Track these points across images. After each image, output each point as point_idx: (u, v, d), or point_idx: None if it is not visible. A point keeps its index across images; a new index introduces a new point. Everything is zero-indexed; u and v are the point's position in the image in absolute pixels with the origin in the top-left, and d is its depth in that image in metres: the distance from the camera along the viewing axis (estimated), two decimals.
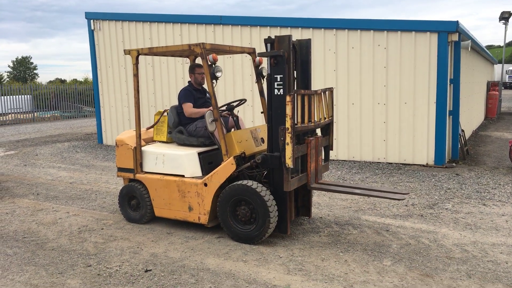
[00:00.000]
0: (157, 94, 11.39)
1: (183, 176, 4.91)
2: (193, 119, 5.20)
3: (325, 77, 9.05)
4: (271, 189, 4.52)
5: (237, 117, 5.24)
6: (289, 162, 4.11)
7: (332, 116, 4.91)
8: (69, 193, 6.96)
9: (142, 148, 5.21)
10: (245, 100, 5.37)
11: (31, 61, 68.38)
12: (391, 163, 8.60)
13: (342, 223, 5.16)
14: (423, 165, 8.31)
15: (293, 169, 4.40)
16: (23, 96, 26.63)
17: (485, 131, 14.07)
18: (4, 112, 24.21)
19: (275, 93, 4.35)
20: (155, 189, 5.07)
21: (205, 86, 5.21)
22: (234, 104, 5.25)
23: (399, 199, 4.40)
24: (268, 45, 4.38)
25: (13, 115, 24.14)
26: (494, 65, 23.74)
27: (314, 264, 4.01)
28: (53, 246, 4.64)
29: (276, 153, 4.37)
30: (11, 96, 24.97)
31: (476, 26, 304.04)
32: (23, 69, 66.86)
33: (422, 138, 8.30)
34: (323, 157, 4.88)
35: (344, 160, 9.03)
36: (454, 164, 8.37)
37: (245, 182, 4.46)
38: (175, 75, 11.05)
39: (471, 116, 12.98)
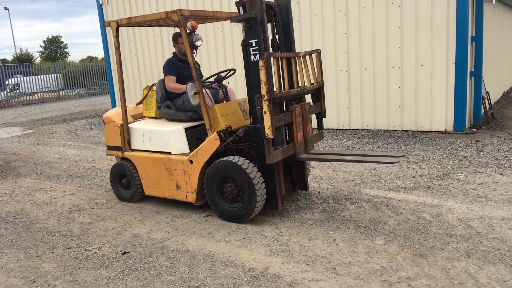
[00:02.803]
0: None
1: (170, 153, 4.70)
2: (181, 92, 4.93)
3: (335, 41, 8.51)
4: (258, 163, 4.25)
5: (226, 88, 4.93)
6: (268, 132, 3.80)
7: (322, 80, 4.52)
8: (71, 171, 6.93)
9: (129, 125, 5.02)
10: (235, 70, 5.03)
11: (61, 40, 69.61)
12: (407, 130, 8.09)
13: (340, 197, 4.84)
14: (442, 132, 7.77)
15: (277, 139, 4.10)
16: (52, 75, 27.10)
17: None
18: (34, 91, 24.80)
19: (252, 60, 4.00)
20: (143, 167, 4.90)
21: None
22: (223, 74, 4.93)
23: (392, 162, 3.98)
24: (241, 8, 4.01)
25: (40, 94, 24.68)
26: None
27: (300, 244, 3.75)
28: (40, 228, 4.59)
29: (258, 124, 4.06)
30: (40, 76, 25.45)
31: None
32: (54, 48, 68.19)
33: (440, 102, 7.72)
34: (312, 125, 4.52)
35: (357, 129, 8.58)
36: (475, 129, 7.78)
37: (230, 158, 4.20)
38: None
39: (502, 76, 12.07)
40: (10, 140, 10.76)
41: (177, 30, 5.13)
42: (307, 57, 4.27)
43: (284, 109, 4.36)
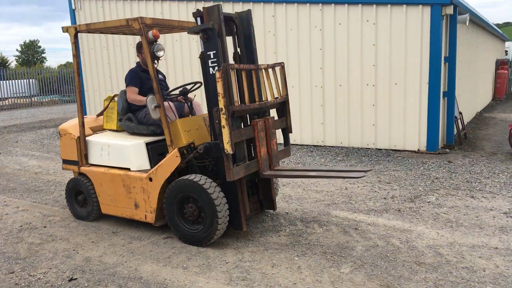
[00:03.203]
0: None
1: (129, 169, 4.42)
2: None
3: (311, 57, 8.41)
4: (221, 182, 4.02)
5: (191, 102, 4.70)
6: (227, 147, 3.59)
7: (287, 94, 4.36)
8: (29, 184, 6.54)
9: (87, 138, 4.72)
10: (201, 83, 4.80)
11: (39, 44, 68.09)
12: (381, 149, 8.00)
13: (309, 219, 4.64)
14: (415, 151, 7.71)
15: (239, 156, 3.89)
16: (27, 80, 26.31)
17: (490, 112, 13.32)
18: (6, 96, 23.95)
19: (210, 72, 3.80)
20: (100, 183, 4.60)
21: (161, 67, 4.68)
22: (189, 87, 4.70)
23: (357, 177, 3.79)
24: (198, 19, 3.83)
25: (11, 100, 23.87)
26: (506, 42, 22.63)
27: (262, 272, 3.52)
28: None
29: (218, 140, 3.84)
30: (14, 81, 24.62)
31: (493, 3, 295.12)
32: (31, 52, 66.62)
33: (413, 122, 7.67)
34: (277, 141, 4.33)
35: (332, 146, 8.45)
36: (448, 150, 7.75)
37: (192, 176, 3.96)
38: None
39: (474, 97, 12.23)
40: None
41: None
42: (270, 70, 4.10)
43: (248, 124, 4.17)
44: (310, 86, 8.52)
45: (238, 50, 4.26)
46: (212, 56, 3.77)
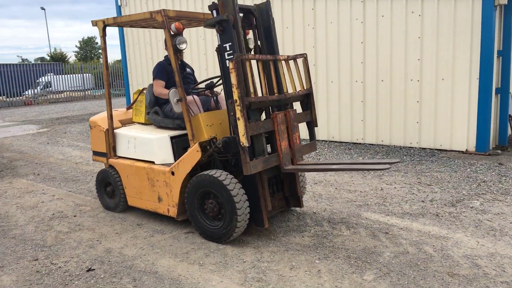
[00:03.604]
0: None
1: (153, 162, 4.41)
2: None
3: (351, 50, 8.07)
4: (241, 178, 3.90)
5: (216, 96, 4.61)
6: (243, 140, 3.46)
7: (311, 86, 4.16)
8: (68, 174, 6.76)
9: (115, 130, 4.76)
10: None
11: (96, 41, 71.24)
12: (425, 148, 7.54)
13: (336, 221, 4.41)
14: (462, 152, 7.19)
15: (258, 149, 3.75)
16: (83, 74, 27.63)
17: None
18: (62, 89, 25.27)
19: (227, 65, 3.66)
20: (127, 176, 4.62)
21: (188, 61, 4.62)
22: (215, 81, 4.61)
23: (383, 169, 3.51)
24: (214, 11, 3.71)
25: (67, 93, 25.13)
26: None
27: (279, 273, 3.36)
28: (16, 234, 4.37)
29: None
30: (72, 75, 25.91)
31: None
32: (89, 48, 69.90)
33: (461, 120, 7.15)
34: (300, 135, 4.13)
35: (372, 144, 8.09)
36: (499, 151, 7.16)
37: (212, 172, 3.87)
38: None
39: None
40: (23, 138, 10.80)
41: None
42: (291, 62, 3.92)
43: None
44: (350, 81, 8.19)
45: (259, 42, 4.12)
46: (228, 48, 3.65)
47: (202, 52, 10.25)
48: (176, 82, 4.00)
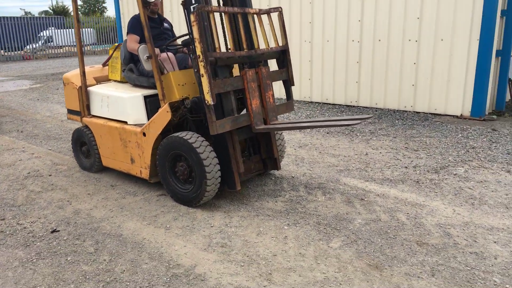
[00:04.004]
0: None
1: (126, 122, 4.27)
2: None
3: (349, 8, 7.68)
4: (212, 140, 3.77)
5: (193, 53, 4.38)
6: (207, 98, 3.30)
7: (286, 43, 3.93)
8: (52, 131, 6.67)
9: (89, 88, 4.59)
10: None
11: None
12: (419, 112, 7.32)
13: (314, 186, 4.31)
14: (457, 117, 6.97)
15: (227, 109, 3.61)
16: (86, 29, 27.07)
17: None
18: (62, 44, 24.86)
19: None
20: (100, 135, 4.50)
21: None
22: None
23: (351, 124, 3.32)
24: None
25: (66, 48, 24.72)
26: None
27: (244, 239, 3.29)
28: None
29: None
30: (72, 29, 25.31)
31: None
32: (92, 2, 68.28)
33: (458, 83, 6.87)
34: (273, 93, 3.95)
35: (366, 107, 7.87)
36: (495, 116, 6.93)
37: (182, 134, 3.73)
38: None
39: None
40: (15, 93, 10.67)
41: None
42: (264, 16, 3.67)
43: None
44: (347, 40, 7.86)
45: None
46: (193, 2, 3.40)
47: (167, 8, 9.88)
48: (145, 37, 3.78)
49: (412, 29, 7.11)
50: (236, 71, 4.12)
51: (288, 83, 4.05)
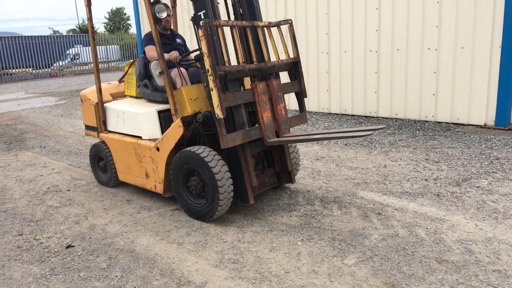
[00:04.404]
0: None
1: (140, 137, 4.30)
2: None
3: (366, 18, 7.61)
4: (225, 154, 3.75)
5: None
6: (217, 111, 3.29)
7: (298, 55, 3.89)
8: (73, 147, 6.80)
9: (105, 104, 4.67)
10: None
11: (124, 12, 71.36)
12: (441, 122, 7.14)
13: (329, 199, 4.22)
14: (480, 126, 6.76)
15: (238, 122, 3.59)
16: (110, 46, 27.78)
17: None
18: (86, 61, 25.55)
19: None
20: (116, 150, 4.55)
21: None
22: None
23: (364, 135, 3.21)
24: None
25: (92, 65, 25.38)
26: None
27: (257, 255, 3.23)
28: (8, 208, 4.41)
29: None
30: (100, 46, 25.99)
31: None
32: (117, 19, 70.19)
33: (481, 92, 6.68)
34: (285, 106, 3.91)
35: (385, 118, 7.73)
36: None
37: (194, 148, 3.72)
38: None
39: None
40: (40, 110, 10.98)
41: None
42: (274, 29, 3.65)
43: None
44: (364, 50, 7.77)
45: (240, 10, 3.85)
46: (202, 17, 3.42)
47: (186, 24, 10.00)
48: (157, 53, 3.82)
49: (431, 38, 6.98)
50: (248, 83, 4.12)
51: (301, 95, 4.01)
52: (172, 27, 4.74)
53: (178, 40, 4.65)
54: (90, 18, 4.45)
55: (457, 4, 6.62)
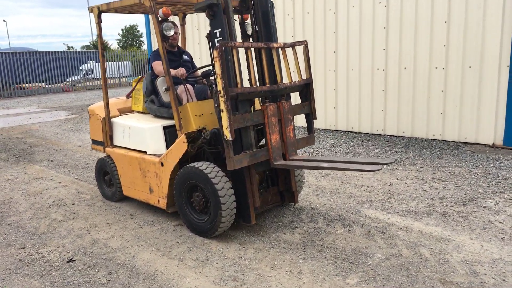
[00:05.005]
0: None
1: (145, 152, 4.33)
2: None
3: (373, 36, 7.65)
4: (230, 171, 3.75)
5: (212, 85, 4.44)
6: (226, 133, 3.28)
7: (310, 77, 3.90)
8: (80, 161, 6.85)
9: (112, 119, 4.72)
10: None
11: (137, 29, 72.63)
12: (448, 141, 7.08)
13: (333, 217, 4.18)
14: (488, 145, 6.68)
15: (246, 143, 3.58)
16: (122, 62, 28.20)
17: None
18: (98, 77, 25.94)
19: None
20: (121, 165, 4.58)
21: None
22: (211, 68, 4.44)
23: (372, 170, 3.16)
24: None
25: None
26: None
27: (258, 273, 3.20)
28: (12, 221, 4.44)
29: None
30: (112, 62, 26.42)
31: None
32: (131, 36, 71.40)
33: (489, 111, 6.63)
34: (294, 127, 3.90)
35: (392, 136, 7.69)
36: None
37: (198, 164, 3.73)
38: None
39: None
40: (51, 124, 11.12)
41: None
42: (289, 50, 3.67)
43: None
44: (372, 69, 7.79)
45: (256, 28, 3.89)
46: (218, 35, 3.46)
47: (196, 41, 10.12)
48: (163, 70, 3.87)
49: (439, 56, 6.98)
50: (258, 103, 4.14)
51: (310, 117, 4.01)
52: (180, 44, 4.81)
53: (185, 57, 4.71)
54: (100, 35, 4.54)
55: (465, 23, 6.63)
